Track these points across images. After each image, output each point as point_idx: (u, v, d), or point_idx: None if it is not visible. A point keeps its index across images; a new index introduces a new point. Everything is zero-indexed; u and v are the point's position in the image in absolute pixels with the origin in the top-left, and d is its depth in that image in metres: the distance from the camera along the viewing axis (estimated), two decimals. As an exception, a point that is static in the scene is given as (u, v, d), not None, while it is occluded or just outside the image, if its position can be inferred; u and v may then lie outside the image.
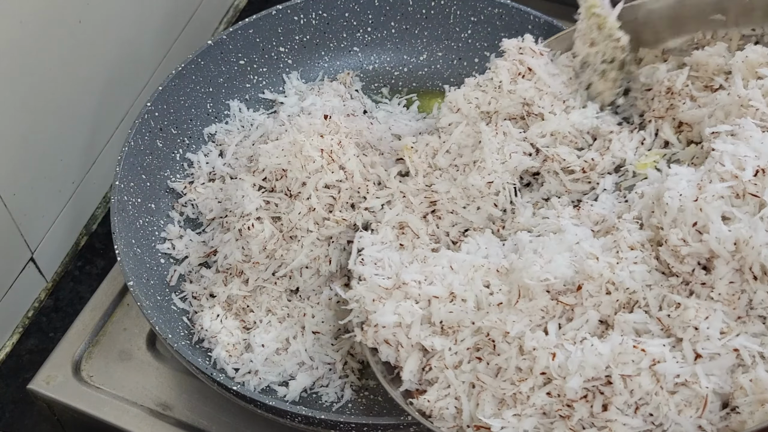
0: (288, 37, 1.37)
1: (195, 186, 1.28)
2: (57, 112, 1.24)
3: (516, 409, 0.94)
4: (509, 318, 0.97)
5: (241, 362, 1.14)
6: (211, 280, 1.20)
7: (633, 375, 0.89)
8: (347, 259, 1.14)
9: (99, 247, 1.40)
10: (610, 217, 1.04)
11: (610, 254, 0.98)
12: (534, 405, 0.93)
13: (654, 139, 1.13)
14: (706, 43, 1.15)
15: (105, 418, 1.19)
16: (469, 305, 1.01)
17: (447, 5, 1.37)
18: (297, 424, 1.06)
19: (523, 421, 0.93)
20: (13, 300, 1.29)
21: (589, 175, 1.12)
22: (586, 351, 0.91)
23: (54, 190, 1.30)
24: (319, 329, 1.16)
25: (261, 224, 1.16)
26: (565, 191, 1.13)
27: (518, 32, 1.33)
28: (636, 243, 0.98)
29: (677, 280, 0.95)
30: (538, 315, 0.97)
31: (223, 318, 1.16)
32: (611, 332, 0.94)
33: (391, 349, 1.04)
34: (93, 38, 1.26)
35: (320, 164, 1.17)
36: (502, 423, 0.94)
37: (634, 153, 1.12)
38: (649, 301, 0.95)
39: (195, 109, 1.32)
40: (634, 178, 1.11)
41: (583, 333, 0.95)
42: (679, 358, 0.90)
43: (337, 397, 1.15)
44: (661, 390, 0.88)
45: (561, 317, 0.97)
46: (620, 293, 0.95)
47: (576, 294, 0.97)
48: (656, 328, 0.93)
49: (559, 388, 0.92)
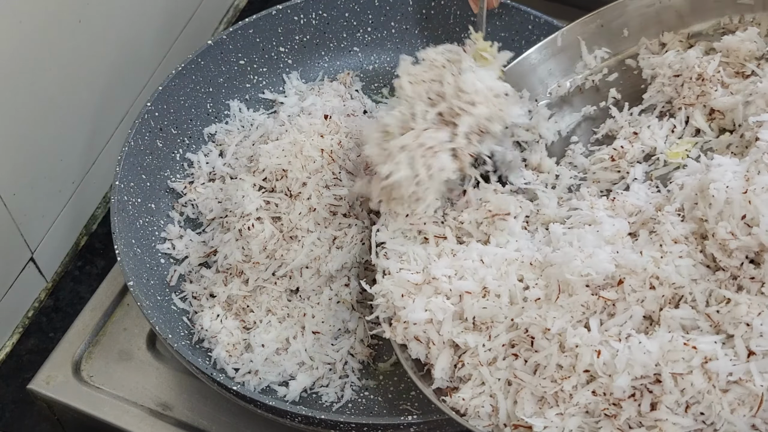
0: (288, 37, 1.37)
1: (195, 186, 1.28)
2: (57, 112, 1.24)
3: (559, 408, 0.92)
4: (549, 314, 0.95)
5: (241, 362, 1.14)
6: (211, 280, 1.20)
7: (684, 373, 0.87)
8: (346, 259, 1.15)
9: (99, 247, 1.40)
10: (647, 208, 1.01)
11: (653, 248, 0.95)
12: (578, 404, 0.91)
13: (684, 127, 1.11)
14: (734, 28, 1.13)
15: (105, 418, 1.19)
16: (503, 300, 0.98)
17: (447, 5, 1.37)
18: (297, 424, 1.06)
19: (567, 420, 0.91)
20: (13, 300, 1.29)
21: (618, 164, 1.10)
22: (633, 348, 0.89)
23: (54, 190, 1.30)
24: (319, 329, 1.16)
25: (261, 224, 1.16)
26: (593, 181, 1.11)
27: (518, 32, 1.33)
28: (680, 236, 0.95)
29: (725, 275, 0.93)
30: (579, 311, 0.94)
31: (223, 318, 1.16)
32: (657, 329, 0.92)
33: (421, 346, 1.01)
34: (93, 38, 1.26)
35: (320, 164, 1.17)
36: (544, 422, 0.91)
37: (664, 141, 1.10)
38: (696, 296, 0.92)
39: (195, 109, 1.32)
40: (665, 167, 1.09)
41: (627, 329, 0.92)
42: (731, 355, 0.87)
43: (337, 397, 1.15)
44: (714, 388, 0.86)
45: (602, 313, 0.94)
46: (665, 288, 0.93)
47: (617, 289, 0.94)
48: (705, 325, 0.91)
49: (605, 387, 0.90)
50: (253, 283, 1.17)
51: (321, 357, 1.15)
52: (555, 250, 1.00)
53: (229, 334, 1.15)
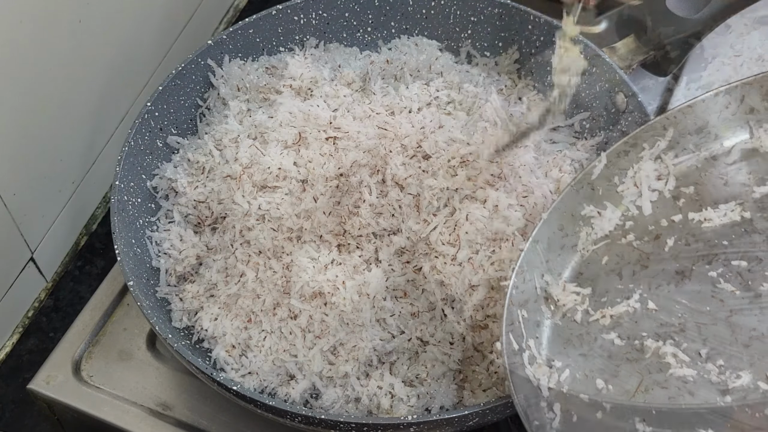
0: (288, 37, 1.37)
1: (195, 186, 1.28)
2: (57, 112, 1.24)
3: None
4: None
5: (241, 362, 1.14)
6: (211, 281, 1.20)
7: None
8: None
9: (99, 247, 1.40)
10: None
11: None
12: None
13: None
14: None
15: (105, 418, 1.19)
16: None
17: (447, 5, 1.37)
18: (297, 424, 1.06)
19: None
20: (13, 300, 1.29)
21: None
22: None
23: (54, 190, 1.30)
24: (319, 329, 1.16)
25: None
26: None
27: (518, 32, 1.33)
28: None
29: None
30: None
31: (222, 318, 1.16)
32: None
33: None
34: (93, 38, 1.26)
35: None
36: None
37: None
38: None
39: (195, 109, 1.32)
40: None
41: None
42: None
43: (337, 396, 1.14)
44: (736, 341, 0.89)
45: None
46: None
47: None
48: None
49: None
50: (253, 283, 1.17)
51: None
52: None
53: (229, 334, 1.15)
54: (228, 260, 1.18)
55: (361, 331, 1.12)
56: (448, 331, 1.12)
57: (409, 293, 1.15)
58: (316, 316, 1.12)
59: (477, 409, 1.02)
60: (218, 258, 1.20)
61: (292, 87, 1.28)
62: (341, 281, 1.12)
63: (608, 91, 1.26)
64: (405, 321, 1.14)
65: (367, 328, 1.12)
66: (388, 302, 1.14)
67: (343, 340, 1.12)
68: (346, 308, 1.11)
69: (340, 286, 1.12)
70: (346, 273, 1.13)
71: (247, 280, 1.16)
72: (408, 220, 1.15)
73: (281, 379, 1.13)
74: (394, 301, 1.14)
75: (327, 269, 1.14)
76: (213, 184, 1.25)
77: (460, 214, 1.12)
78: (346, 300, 1.11)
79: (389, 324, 1.13)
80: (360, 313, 1.12)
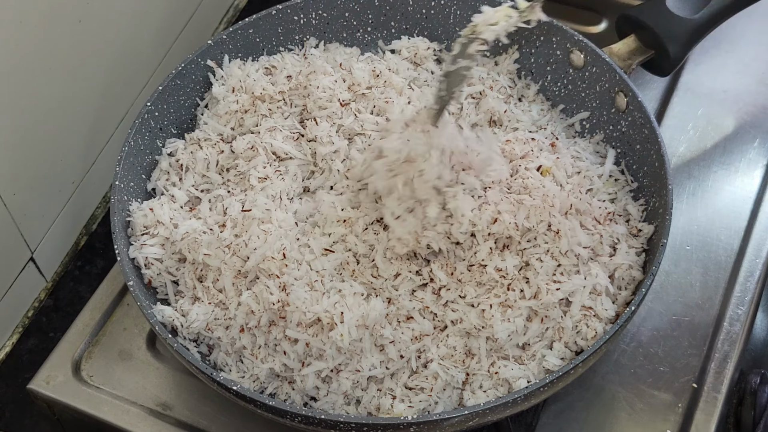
0: (288, 37, 1.37)
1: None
2: (57, 112, 1.24)
3: None
4: None
5: (238, 367, 1.14)
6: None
7: None
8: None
9: (99, 247, 1.40)
10: None
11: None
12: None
13: None
14: None
15: (105, 418, 1.19)
16: None
17: (447, 5, 1.37)
18: (297, 424, 1.06)
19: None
20: (13, 300, 1.29)
21: None
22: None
23: (54, 190, 1.30)
24: (319, 329, 1.16)
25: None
26: None
27: (518, 32, 1.33)
28: None
29: None
30: None
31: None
32: None
33: None
34: (93, 38, 1.26)
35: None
36: None
37: None
38: None
39: (195, 109, 1.32)
40: None
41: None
42: None
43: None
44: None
45: None
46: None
47: None
48: None
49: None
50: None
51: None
52: None
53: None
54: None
55: (360, 359, 1.09)
56: (452, 345, 1.11)
57: (415, 318, 1.12)
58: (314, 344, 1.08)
59: (477, 409, 1.02)
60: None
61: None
62: (339, 312, 1.08)
63: (608, 91, 1.27)
64: (406, 346, 1.11)
65: (365, 355, 1.09)
66: (387, 330, 1.10)
67: (340, 367, 1.09)
68: (344, 344, 1.07)
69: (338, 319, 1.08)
70: (345, 303, 1.09)
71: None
72: None
73: (281, 380, 1.13)
74: (396, 325, 1.12)
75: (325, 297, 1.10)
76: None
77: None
78: (344, 335, 1.07)
79: (389, 351, 1.10)
80: (358, 342, 1.08)
